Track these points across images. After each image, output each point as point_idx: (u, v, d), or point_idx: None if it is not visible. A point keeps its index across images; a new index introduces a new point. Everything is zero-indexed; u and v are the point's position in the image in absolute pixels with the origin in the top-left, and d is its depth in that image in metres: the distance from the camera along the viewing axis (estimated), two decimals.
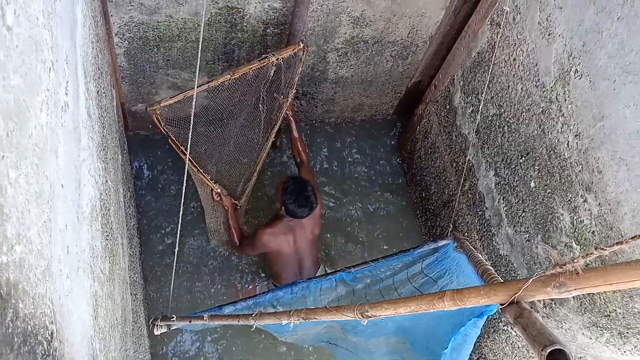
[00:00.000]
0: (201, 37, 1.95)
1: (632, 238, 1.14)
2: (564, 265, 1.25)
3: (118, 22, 3.06)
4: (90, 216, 1.47)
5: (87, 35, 1.75)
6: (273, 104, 3.26)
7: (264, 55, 2.94)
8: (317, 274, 3.48)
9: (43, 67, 0.98)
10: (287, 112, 3.39)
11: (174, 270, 2.65)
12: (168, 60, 3.40)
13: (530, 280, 1.33)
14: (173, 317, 2.60)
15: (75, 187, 1.28)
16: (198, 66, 2.13)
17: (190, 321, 2.61)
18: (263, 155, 3.41)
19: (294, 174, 3.80)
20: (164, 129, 2.56)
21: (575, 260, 1.23)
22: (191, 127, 1.96)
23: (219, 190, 3.17)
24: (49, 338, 0.89)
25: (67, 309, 1.07)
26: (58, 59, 1.13)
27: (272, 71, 2.98)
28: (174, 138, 2.80)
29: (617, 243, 1.17)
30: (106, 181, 1.88)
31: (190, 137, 2.00)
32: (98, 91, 1.92)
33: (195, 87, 2.09)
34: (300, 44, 3.08)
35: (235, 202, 3.35)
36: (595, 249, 1.22)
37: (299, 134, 3.49)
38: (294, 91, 3.30)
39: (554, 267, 1.28)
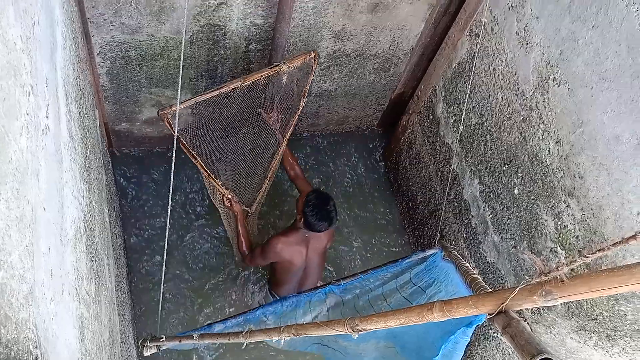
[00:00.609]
0: (182, 54, 1.96)
1: (614, 244, 1.16)
2: (549, 273, 1.27)
3: (99, 42, 3.07)
4: (74, 238, 1.46)
5: (67, 57, 1.75)
6: (285, 112, 3.26)
7: (275, 64, 2.94)
8: None
9: (22, 91, 0.98)
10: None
11: (161, 290, 2.63)
12: (151, 78, 3.41)
13: (517, 289, 1.34)
14: (162, 337, 2.58)
15: (58, 210, 1.27)
16: (180, 84, 2.14)
17: (180, 341, 2.59)
18: (275, 162, 3.38)
19: (318, 188, 3.79)
20: (175, 133, 2.55)
21: (559, 268, 1.25)
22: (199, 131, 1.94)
23: (229, 196, 3.15)
24: None
25: (52, 333, 1.06)
26: (38, 83, 1.14)
27: (284, 79, 2.99)
28: (185, 143, 2.80)
29: (599, 250, 1.18)
30: (90, 202, 1.87)
31: (199, 138, 1.97)
32: (80, 112, 1.92)
33: (204, 95, 2.07)
34: (312, 52, 3.05)
35: (247, 208, 3.31)
36: (579, 256, 1.24)
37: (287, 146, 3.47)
38: (305, 99, 3.26)
39: (539, 276, 1.30)
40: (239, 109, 3.02)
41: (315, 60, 3.09)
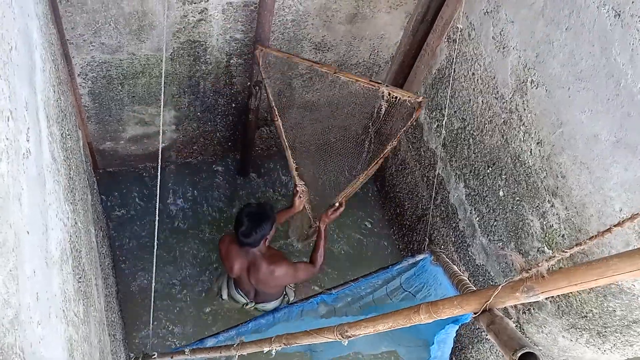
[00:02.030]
0: (163, 72, 1.98)
1: (590, 239, 1.19)
2: (530, 269, 1.29)
3: (80, 63, 3.07)
4: (60, 260, 1.46)
5: (47, 79, 1.75)
6: (377, 140, 3.32)
7: (377, 81, 2.94)
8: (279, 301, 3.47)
9: (1, 116, 0.99)
10: (322, 222, 3.20)
11: (152, 307, 2.62)
12: (133, 96, 3.41)
13: (500, 287, 1.37)
14: (154, 354, 2.56)
15: (42, 233, 1.27)
16: (163, 101, 2.15)
17: (172, 357, 2.58)
18: (350, 189, 3.22)
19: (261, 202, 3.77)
20: (261, 70, 2.52)
21: (539, 264, 1.27)
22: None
23: (301, 188, 3.15)
24: None
25: (40, 356, 1.06)
26: (17, 107, 1.14)
27: (382, 105, 2.93)
28: (267, 85, 3.00)
29: (576, 244, 1.21)
30: (75, 223, 1.86)
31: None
32: (62, 134, 1.92)
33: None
34: (421, 97, 2.96)
35: (307, 210, 3.30)
36: (558, 251, 1.26)
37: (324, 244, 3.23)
38: (394, 144, 3.16)
39: (520, 272, 1.32)
40: (332, 115, 3.02)
41: (419, 107, 2.98)
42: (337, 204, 3.15)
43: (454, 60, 3.14)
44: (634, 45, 2.06)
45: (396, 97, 2.92)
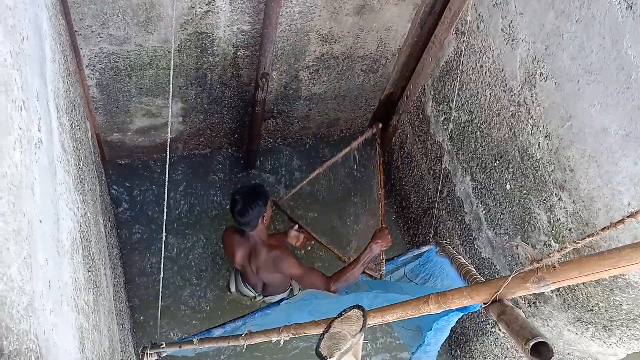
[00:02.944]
0: (171, 63, 1.98)
1: (602, 229, 1.19)
2: (541, 260, 1.29)
3: (88, 55, 3.07)
4: (71, 249, 1.47)
5: (57, 70, 1.76)
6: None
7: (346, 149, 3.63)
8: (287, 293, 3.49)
9: (14, 106, 1.00)
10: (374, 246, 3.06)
11: (160, 297, 2.64)
12: (141, 88, 3.42)
13: (510, 277, 1.37)
14: (162, 344, 2.59)
15: (54, 222, 1.28)
16: (171, 93, 2.16)
17: (180, 347, 2.60)
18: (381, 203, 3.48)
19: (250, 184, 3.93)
20: None
21: (551, 255, 1.27)
22: None
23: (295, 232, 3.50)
24: None
25: (52, 343, 1.07)
26: (29, 97, 1.15)
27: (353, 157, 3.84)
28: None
29: (588, 235, 1.21)
30: (85, 213, 1.88)
31: None
32: (72, 124, 1.93)
33: None
34: (374, 127, 3.64)
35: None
36: (570, 242, 1.26)
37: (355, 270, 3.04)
38: (382, 190, 3.52)
39: (531, 263, 1.32)
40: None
41: (377, 134, 3.61)
42: (383, 225, 3.14)
43: (462, 52, 3.13)
44: None
45: (360, 143, 3.63)
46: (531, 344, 1.28)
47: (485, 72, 3.00)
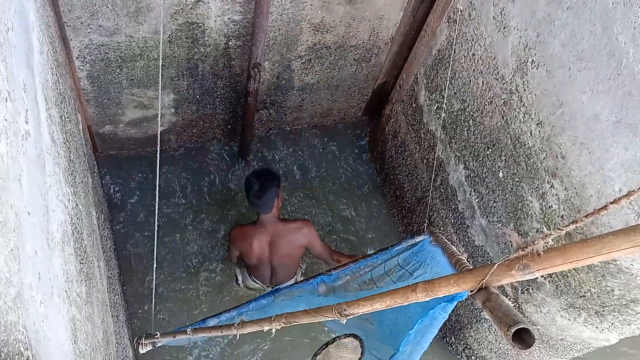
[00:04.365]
0: (161, 54, 1.97)
1: (586, 216, 1.19)
2: (526, 247, 1.30)
3: (78, 46, 3.05)
4: (62, 241, 1.47)
5: (45, 61, 1.75)
6: None
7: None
8: (292, 281, 3.52)
9: None
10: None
11: (153, 289, 2.64)
12: (132, 79, 3.40)
13: (496, 265, 1.38)
14: (157, 334, 2.59)
15: (43, 214, 1.28)
16: (161, 84, 2.14)
17: (174, 336, 2.60)
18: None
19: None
20: None
21: (535, 242, 1.28)
22: None
23: None
24: None
25: (43, 335, 1.07)
26: (15, 88, 1.14)
27: None
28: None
29: (572, 222, 1.21)
30: (76, 205, 1.87)
31: None
32: (61, 116, 1.92)
33: None
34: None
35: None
36: (554, 229, 1.27)
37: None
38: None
39: (516, 250, 1.33)
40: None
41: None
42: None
43: (454, 41, 3.12)
44: (636, 24, 2.05)
45: None
46: (513, 330, 1.29)
47: (477, 60, 3.00)
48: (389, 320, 2.63)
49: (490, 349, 3.57)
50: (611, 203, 1.05)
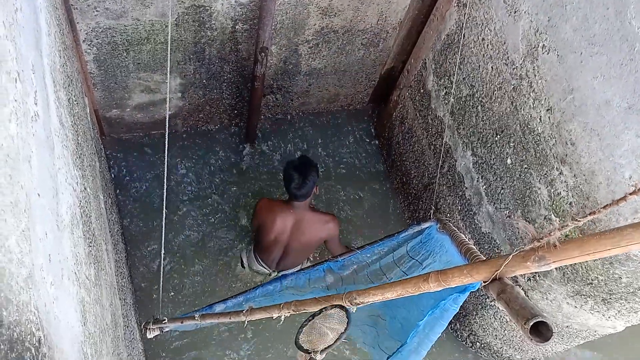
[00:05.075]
0: (169, 38, 1.95)
1: (604, 207, 1.18)
2: (542, 239, 1.28)
3: (85, 29, 3.03)
4: (71, 224, 1.47)
5: (53, 44, 1.74)
6: None
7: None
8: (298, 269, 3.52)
9: (8, 77, 0.98)
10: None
11: (162, 272, 2.65)
12: (139, 63, 3.38)
13: (511, 256, 1.36)
14: (164, 319, 2.60)
15: (53, 196, 1.28)
16: (169, 68, 2.13)
17: (182, 322, 2.62)
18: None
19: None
20: None
21: (552, 233, 1.26)
22: None
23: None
24: (37, 344, 0.90)
25: (53, 316, 1.08)
26: (24, 69, 1.13)
27: None
28: None
29: (590, 213, 1.20)
30: (85, 188, 1.87)
31: None
32: (69, 99, 1.91)
33: None
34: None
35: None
36: (571, 220, 1.25)
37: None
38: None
39: (532, 242, 1.32)
40: None
41: None
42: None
43: (464, 25, 3.09)
44: None
45: None
46: (531, 324, 1.28)
47: (487, 45, 2.96)
48: (400, 315, 2.63)
49: (495, 335, 3.58)
50: (630, 194, 1.04)
